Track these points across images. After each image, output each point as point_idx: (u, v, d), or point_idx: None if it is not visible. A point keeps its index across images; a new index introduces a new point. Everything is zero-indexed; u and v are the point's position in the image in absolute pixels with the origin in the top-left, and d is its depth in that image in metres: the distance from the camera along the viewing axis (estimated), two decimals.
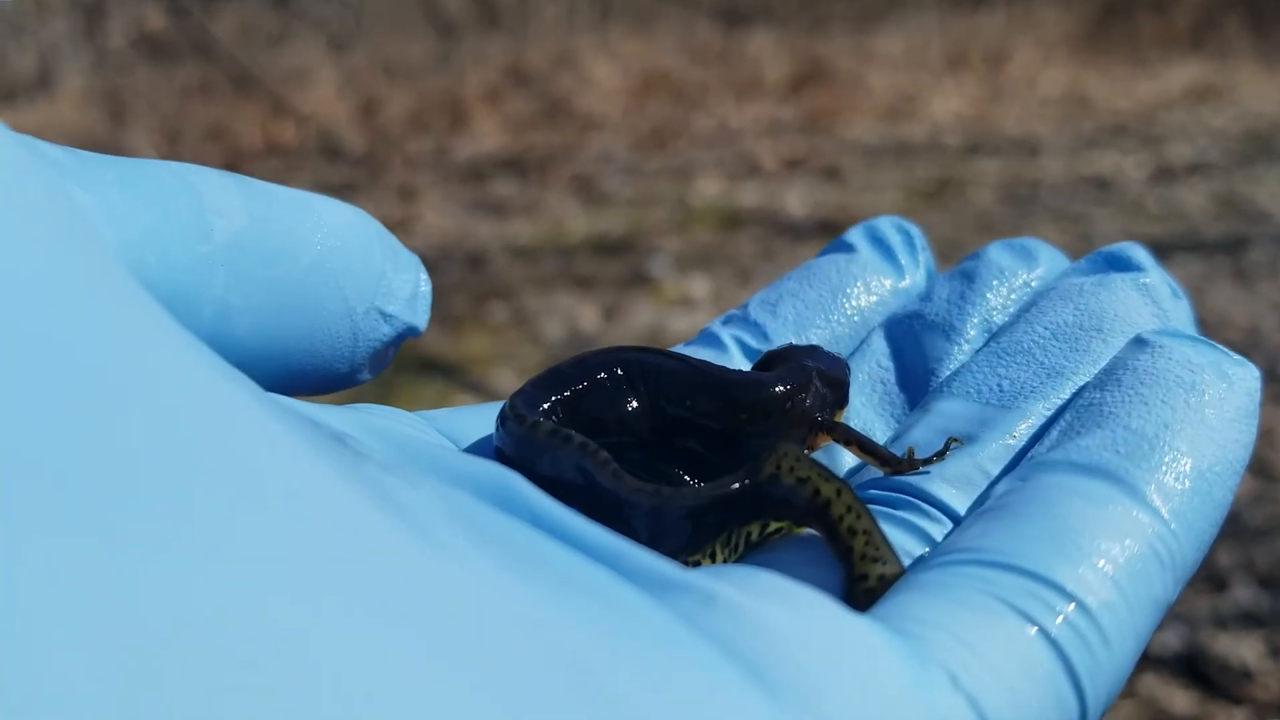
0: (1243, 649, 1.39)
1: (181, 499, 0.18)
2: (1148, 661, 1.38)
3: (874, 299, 0.45)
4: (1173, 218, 3.18)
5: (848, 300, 0.45)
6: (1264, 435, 1.92)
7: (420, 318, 0.38)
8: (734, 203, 3.42)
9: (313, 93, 4.54)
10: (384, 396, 2.17)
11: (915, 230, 0.47)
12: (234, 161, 3.90)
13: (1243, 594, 1.49)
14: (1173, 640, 1.41)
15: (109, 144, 4.02)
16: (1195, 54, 5.19)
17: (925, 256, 0.47)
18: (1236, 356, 0.35)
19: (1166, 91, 4.65)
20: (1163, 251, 2.87)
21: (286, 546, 0.19)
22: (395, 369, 2.29)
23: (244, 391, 0.22)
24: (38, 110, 4.60)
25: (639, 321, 2.56)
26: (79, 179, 0.30)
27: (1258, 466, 1.82)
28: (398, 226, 3.27)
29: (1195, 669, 1.37)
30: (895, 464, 0.36)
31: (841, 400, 0.40)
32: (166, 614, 0.16)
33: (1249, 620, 1.45)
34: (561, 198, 3.54)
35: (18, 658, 0.15)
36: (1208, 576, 1.53)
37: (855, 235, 0.47)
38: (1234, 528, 1.63)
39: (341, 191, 3.59)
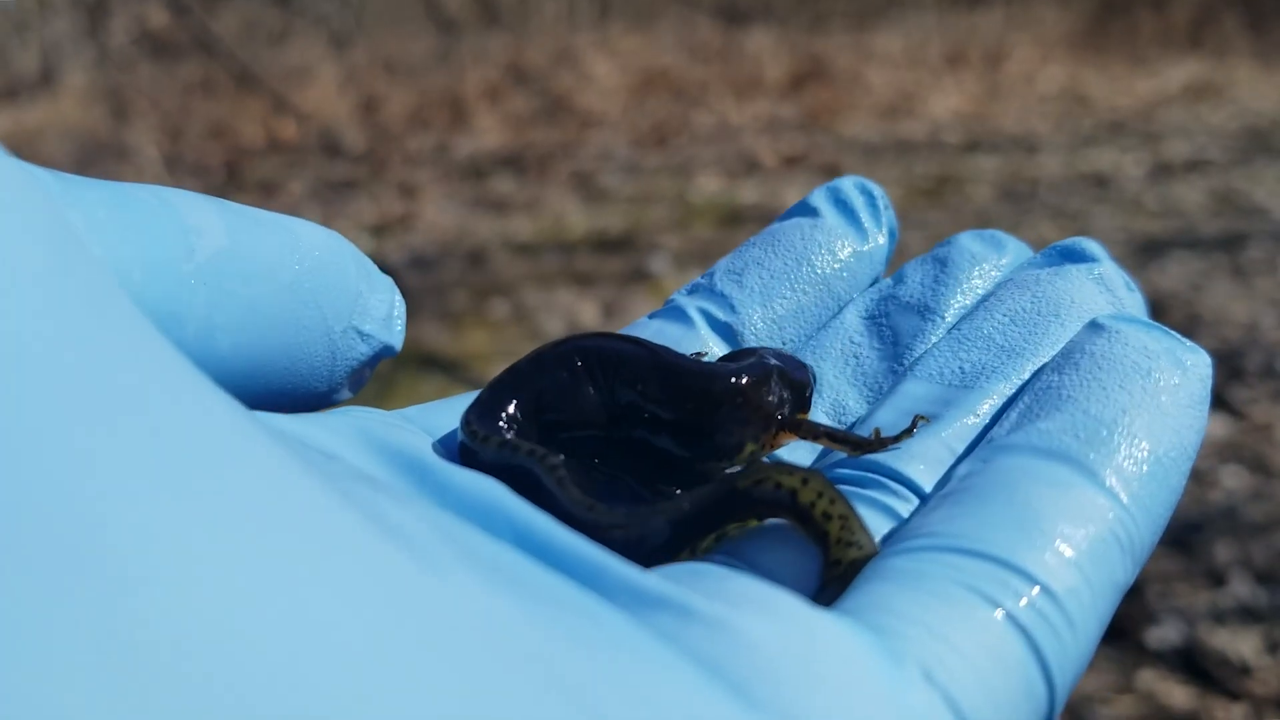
0: (1241, 644, 1.40)
1: (174, 518, 0.18)
2: (1146, 656, 1.39)
3: (839, 265, 0.45)
4: (1171, 215, 3.19)
5: (813, 267, 0.45)
6: (1261, 431, 1.93)
7: (396, 337, 0.38)
8: (733, 200, 3.42)
9: (314, 90, 4.53)
10: (384, 392, 2.17)
11: (878, 190, 0.47)
12: (235, 159, 3.90)
13: (1241, 589, 1.50)
14: (1171, 635, 1.42)
15: (111, 142, 4.02)
16: (1193, 52, 5.19)
17: (888, 216, 0.47)
18: (1190, 343, 0.36)
19: (1165, 89, 4.65)
20: (1160, 248, 2.88)
21: (277, 565, 0.19)
22: (395, 365, 2.29)
23: (234, 411, 0.23)
24: (40, 108, 4.60)
25: (638, 317, 2.55)
26: (66, 200, 0.30)
27: (1256, 462, 1.82)
28: (398, 224, 3.27)
29: (1193, 664, 1.38)
30: (865, 446, 0.37)
31: (803, 405, 0.40)
32: (158, 633, 0.17)
33: (1247, 615, 1.45)
34: (561, 195, 3.54)
35: (12, 676, 0.15)
36: (1206, 572, 1.54)
37: (818, 198, 0.47)
38: (1232, 523, 1.63)
39: (343, 189, 3.59)
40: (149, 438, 0.19)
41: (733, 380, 0.38)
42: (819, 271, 0.45)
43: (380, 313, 0.38)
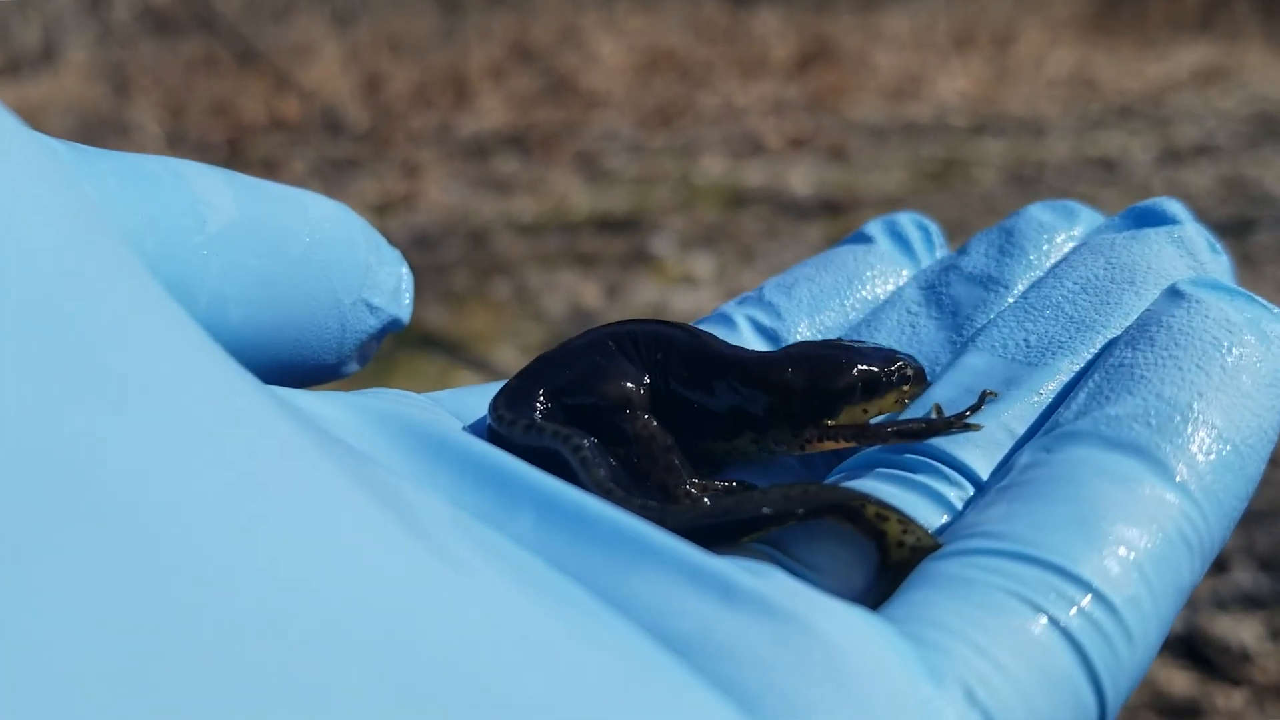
0: (1242, 631, 1.39)
1: (190, 498, 0.18)
2: None
3: (889, 288, 0.44)
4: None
5: (863, 287, 0.44)
6: None
7: (404, 310, 0.38)
8: (738, 181, 3.41)
9: (316, 68, 4.52)
10: (385, 373, 2.17)
11: (934, 227, 0.46)
12: (238, 137, 3.89)
13: (1243, 576, 1.49)
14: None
15: (112, 118, 4.01)
16: (1204, 35, 5.16)
17: (943, 254, 0.46)
18: (1276, 310, 0.34)
19: (1174, 73, 4.62)
20: None
21: (294, 553, 0.19)
22: (396, 345, 2.29)
23: (254, 389, 0.23)
24: (42, 84, 4.59)
25: (641, 299, 2.55)
26: (80, 172, 0.30)
27: None
28: (401, 203, 3.26)
29: (1195, 650, 1.37)
30: (931, 431, 0.35)
31: (871, 389, 0.37)
32: (173, 618, 0.16)
33: (1249, 602, 1.45)
34: (565, 175, 3.53)
35: (27, 661, 0.15)
36: None
37: (874, 228, 0.46)
38: None
39: (345, 167, 3.58)
40: (168, 416, 0.19)
41: (774, 364, 0.38)
42: (869, 291, 0.44)
43: (389, 286, 0.38)
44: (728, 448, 0.38)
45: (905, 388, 0.37)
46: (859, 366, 0.37)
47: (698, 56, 4.88)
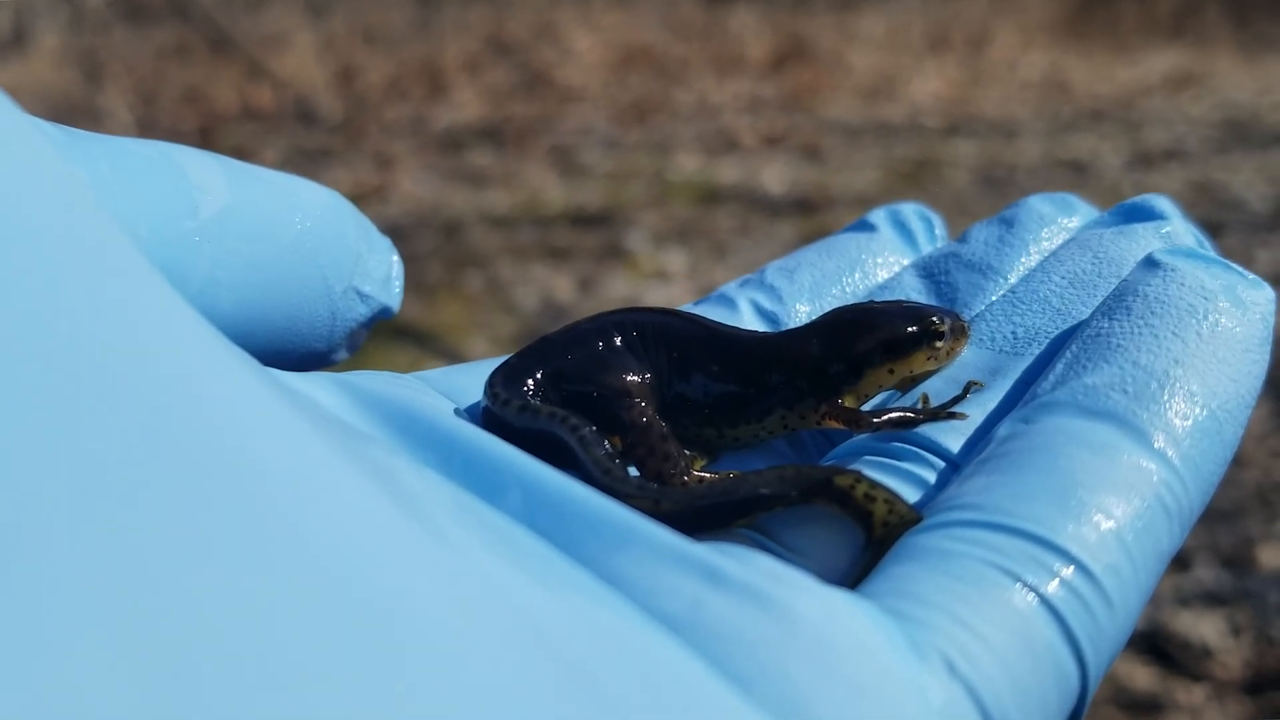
0: (1204, 627, 1.41)
1: (192, 490, 0.18)
2: None
3: (890, 275, 0.45)
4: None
5: (865, 273, 0.45)
6: None
7: (394, 299, 0.38)
8: (712, 178, 3.41)
9: (290, 57, 4.49)
10: (356, 364, 2.15)
11: (936, 218, 0.47)
12: (210, 125, 3.86)
13: (1205, 574, 1.51)
14: None
15: (84, 104, 3.97)
16: (1175, 41, 5.20)
17: (944, 245, 0.46)
18: (1251, 276, 0.34)
19: (1146, 78, 4.66)
20: None
21: (295, 540, 0.19)
22: (369, 335, 2.27)
23: (252, 373, 0.22)
24: (12, 69, 4.53)
25: (614, 294, 2.55)
26: (72, 155, 0.30)
27: None
28: (374, 194, 3.25)
29: (1156, 646, 1.38)
30: (916, 420, 0.35)
31: (893, 349, 0.37)
32: (175, 615, 0.16)
33: (1211, 599, 1.46)
34: (539, 169, 3.52)
35: (32, 652, 0.15)
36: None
37: (877, 216, 0.47)
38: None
39: (318, 158, 3.56)
40: (164, 393, 0.19)
41: (800, 337, 0.38)
42: (870, 278, 0.45)
43: (379, 274, 0.38)
44: (757, 429, 0.38)
45: (938, 344, 0.37)
46: (879, 328, 0.38)
47: (673, 53, 4.88)
